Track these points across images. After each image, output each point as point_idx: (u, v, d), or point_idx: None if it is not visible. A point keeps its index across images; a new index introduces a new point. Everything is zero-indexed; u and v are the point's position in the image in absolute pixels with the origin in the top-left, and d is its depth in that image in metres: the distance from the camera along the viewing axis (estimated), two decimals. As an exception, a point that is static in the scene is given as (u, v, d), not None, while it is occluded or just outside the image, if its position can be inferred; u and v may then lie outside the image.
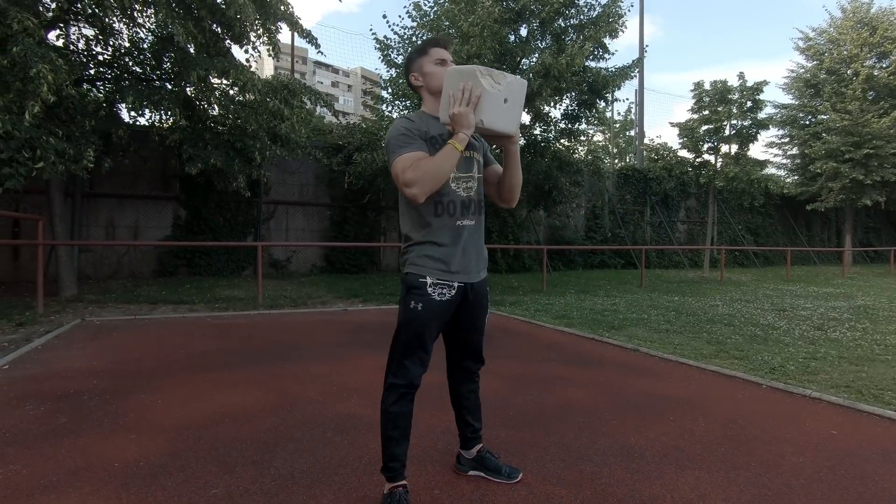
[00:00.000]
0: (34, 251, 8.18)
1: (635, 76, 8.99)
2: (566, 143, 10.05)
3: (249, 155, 7.60)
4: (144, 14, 6.65)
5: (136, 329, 5.01)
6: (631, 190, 15.61)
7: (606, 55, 8.95)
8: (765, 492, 1.86)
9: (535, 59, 8.51)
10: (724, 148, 13.27)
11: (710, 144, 13.24)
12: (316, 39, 7.90)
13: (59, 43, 6.85)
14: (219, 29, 7.34)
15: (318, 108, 9.53)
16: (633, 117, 22.02)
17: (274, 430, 2.36)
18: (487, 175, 1.85)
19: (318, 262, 11.30)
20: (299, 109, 8.10)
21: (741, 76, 12.64)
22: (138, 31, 7.38)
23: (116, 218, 9.64)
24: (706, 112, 12.99)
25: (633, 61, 9.04)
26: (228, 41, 7.60)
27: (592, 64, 8.86)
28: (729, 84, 12.69)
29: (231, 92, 7.97)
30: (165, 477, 1.89)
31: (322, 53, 8.17)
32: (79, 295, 7.22)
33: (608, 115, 30.35)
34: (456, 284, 1.70)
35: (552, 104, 8.80)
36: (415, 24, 9.59)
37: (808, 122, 18.36)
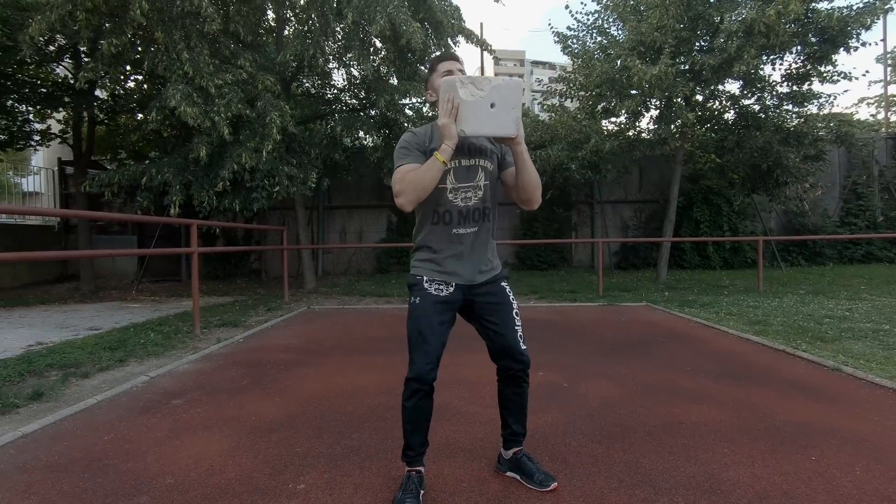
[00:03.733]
0: (294, 253, 10.67)
1: (892, 9, 6.67)
2: (793, 110, 8.12)
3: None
4: (346, 57, 8.01)
5: (338, 316, 6.15)
6: (918, 158, 11.63)
7: (844, -10, 6.94)
8: (879, 572, 1.36)
9: (740, 16, 7.18)
10: None
11: None
12: (490, 46, 8.27)
13: (298, 91, 8.80)
14: (410, 55, 8.37)
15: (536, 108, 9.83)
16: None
17: (371, 408, 2.72)
18: (505, 178, 1.84)
19: (509, 259, 11.71)
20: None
21: None
22: (351, 70, 8.93)
23: (347, 225, 11.81)
24: None
25: (894, -13, 6.76)
26: (417, 63, 8.58)
27: (823, 5, 6.98)
28: None
29: (425, 109, 8.97)
30: (275, 433, 2.41)
31: (497, 58, 8.48)
32: (316, 288, 9.13)
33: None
34: (454, 283, 1.77)
35: (763, 66, 7.26)
36: (599, 6, 9.11)
37: None
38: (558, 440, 2.28)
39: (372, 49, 7.60)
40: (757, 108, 8.22)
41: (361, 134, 8.69)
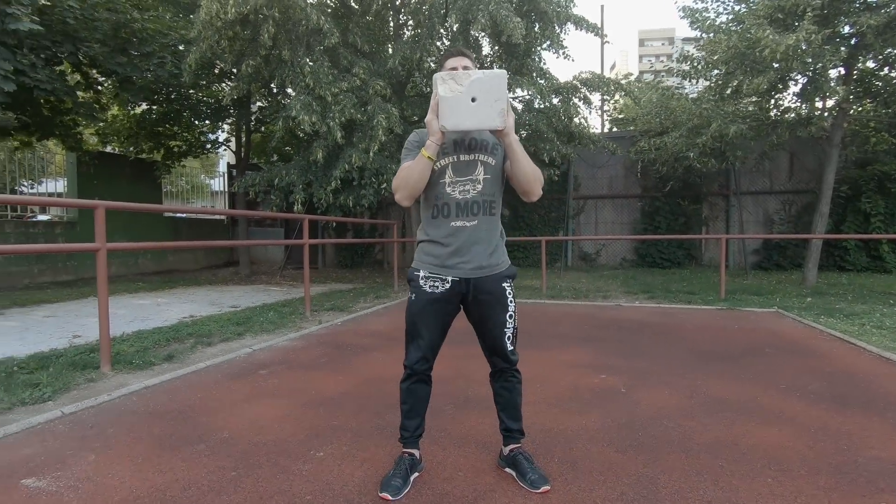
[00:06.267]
0: (410, 245, 11.34)
1: None
2: None
3: (539, 156, 8.27)
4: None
5: (434, 307, 6.43)
6: None
7: None
8: None
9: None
10: None
11: None
12: (601, 30, 7.84)
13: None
14: (515, 48, 8.33)
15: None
16: None
17: (415, 394, 2.88)
18: (507, 170, 1.83)
19: (628, 255, 11.00)
20: (611, 100, 8.21)
21: None
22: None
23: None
24: None
25: None
26: (523, 56, 8.49)
27: None
28: None
29: (536, 103, 8.86)
30: (327, 405, 2.70)
31: (609, 42, 8.02)
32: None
33: None
34: (450, 279, 1.81)
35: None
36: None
37: None
38: (580, 444, 2.20)
39: (476, 46, 7.72)
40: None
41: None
